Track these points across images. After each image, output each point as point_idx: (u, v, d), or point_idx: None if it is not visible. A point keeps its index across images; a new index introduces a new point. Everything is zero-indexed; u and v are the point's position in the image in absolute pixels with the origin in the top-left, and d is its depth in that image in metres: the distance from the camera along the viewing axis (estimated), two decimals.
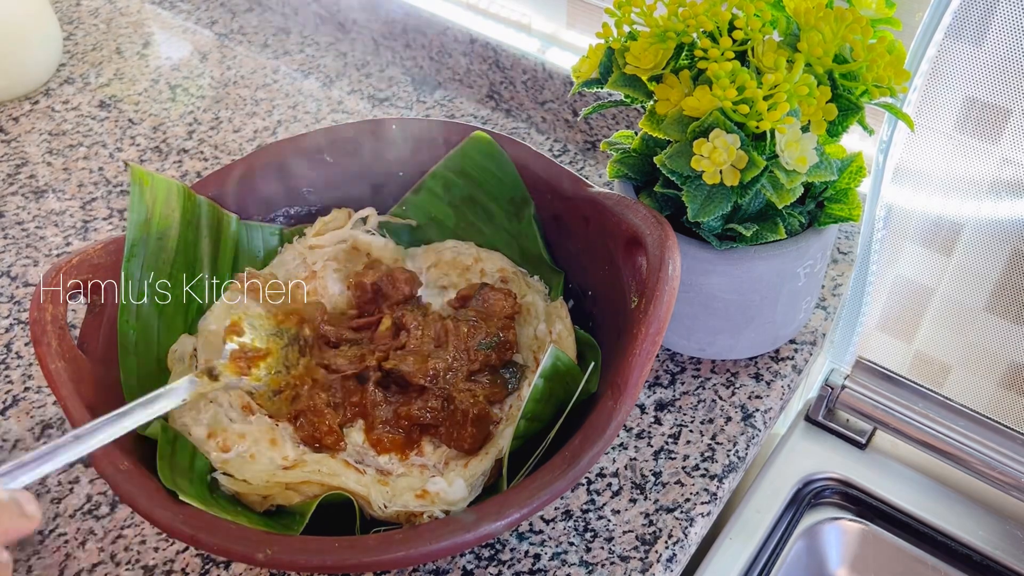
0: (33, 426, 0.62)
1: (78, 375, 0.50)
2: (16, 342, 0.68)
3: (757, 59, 0.50)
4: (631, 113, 0.76)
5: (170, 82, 0.91)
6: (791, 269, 0.57)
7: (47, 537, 0.56)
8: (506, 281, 0.63)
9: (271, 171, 0.63)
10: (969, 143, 0.55)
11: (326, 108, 0.87)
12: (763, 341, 0.62)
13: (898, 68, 0.50)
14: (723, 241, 0.56)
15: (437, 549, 0.44)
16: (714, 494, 0.58)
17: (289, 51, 0.94)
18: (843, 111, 0.52)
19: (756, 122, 0.49)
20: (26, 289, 0.71)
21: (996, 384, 0.63)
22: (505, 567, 0.54)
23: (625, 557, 0.55)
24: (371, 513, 0.51)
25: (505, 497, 0.46)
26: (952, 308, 0.62)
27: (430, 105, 0.87)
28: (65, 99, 0.89)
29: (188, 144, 0.84)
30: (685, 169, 0.51)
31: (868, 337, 0.67)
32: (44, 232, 0.76)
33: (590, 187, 0.59)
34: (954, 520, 0.64)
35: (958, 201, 0.58)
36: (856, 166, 0.57)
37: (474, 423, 0.55)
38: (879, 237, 0.61)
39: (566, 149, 0.83)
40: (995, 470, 0.63)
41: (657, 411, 0.62)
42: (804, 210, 0.57)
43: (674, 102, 0.51)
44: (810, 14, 0.50)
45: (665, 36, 0.51)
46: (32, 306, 0.50)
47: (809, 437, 0.69)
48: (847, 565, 0.67)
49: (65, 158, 0.83)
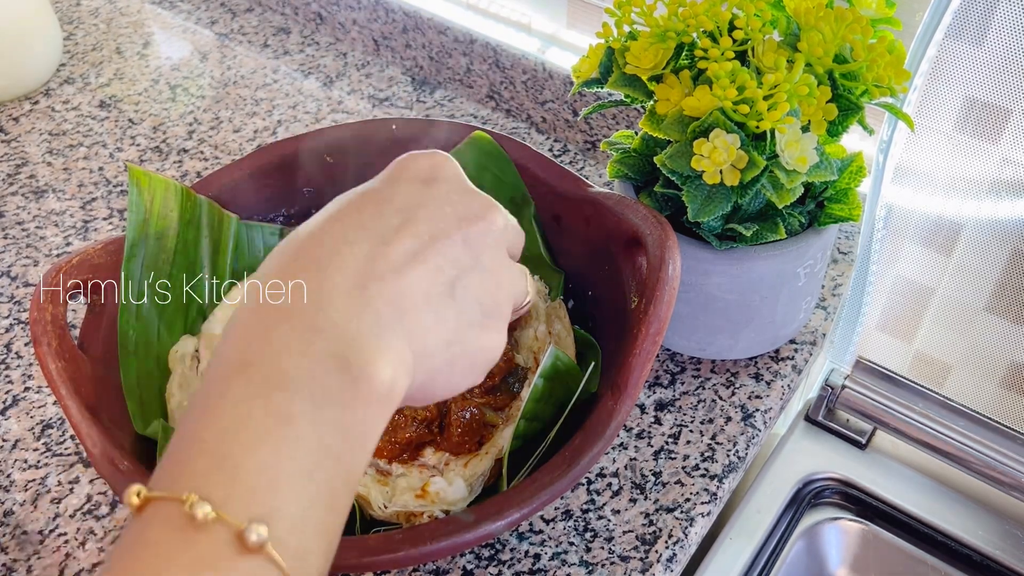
0: (33, 426, 0.62)
1: (78, 375, 0.50)
2: (16, 342, 0.68)
3: (757, 59, 0.50)
4: (631, 113, 0.76)
5: (170, 82, 0.91)
6: (791, 269, 0.57)
7: (47, 537, 0.56)
8: None
9: (271, 171, 0.63)
10: (969, 143, 0.55)
11: (326, 108, 0.87)
12: (763, 341, 0.62)
13: (898, 68, 0.50)
14: (723, 241, 0.56)
15: (437, 549, 0.44)
16: (714, 494, 0.58)
17: (289, 51, 0.94)
18: (843, 111, 0.52)
19: (756, 122, 0.49)
20: (26, 289, 0.71)
21: (996, 384, 0.63)
22: (505, 567, 0.54)
23: (625, 557, 0.55)
24: (371, 513, 0.51)
25: (505, 497, 0.46)
26: (952, 308, 0.62)
27: (430, 105, 0.87)
28: (65, 99, 0.89)
29: (188, 144, 0.84)
30: (685, 169, 0.51)
31: (868, 337, 0.67)
32: (44, 232, 0.76)
33: (590, 187, 0.59)
34: (954, 520, 0.64)
35: (958, 201, 0.58)
36: (856, 166, 0.57)
37: (470, 434, 0.54)
38: (879, 237, 0.61)
39: (566, 149, 0.83)
40: (995, 470, 0.63)
41: (657, 411, 0.62)
42: (804, 210, 0.57)
43: (674, 102, 0.51)
44: (810, 14, 0.50)
45: (665, 36, 0.51)
46: (32, 306, 0.50)
47: (809, 437, 0.69)
48: (847, 565, 0.67)
49: (65, 158, 0.83)
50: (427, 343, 0.35)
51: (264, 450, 0.29)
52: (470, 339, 0.37)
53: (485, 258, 0.38)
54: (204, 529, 0.27)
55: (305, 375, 0.31)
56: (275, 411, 0.30)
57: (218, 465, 0.29)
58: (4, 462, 0.60)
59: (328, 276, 0.33)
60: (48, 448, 0.61)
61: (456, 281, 0.36)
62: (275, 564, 0.28)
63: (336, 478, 0.31)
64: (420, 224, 0.36)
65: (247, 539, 0.27)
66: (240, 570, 0.27)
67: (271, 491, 0.29)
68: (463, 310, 0.37)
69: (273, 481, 0.29)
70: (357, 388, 0.32)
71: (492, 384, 0.57)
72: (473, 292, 0.37)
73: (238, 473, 0.29)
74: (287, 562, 0.28)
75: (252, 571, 0.27)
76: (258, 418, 0.30)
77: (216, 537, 0.27)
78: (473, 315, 0.37)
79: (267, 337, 0.32)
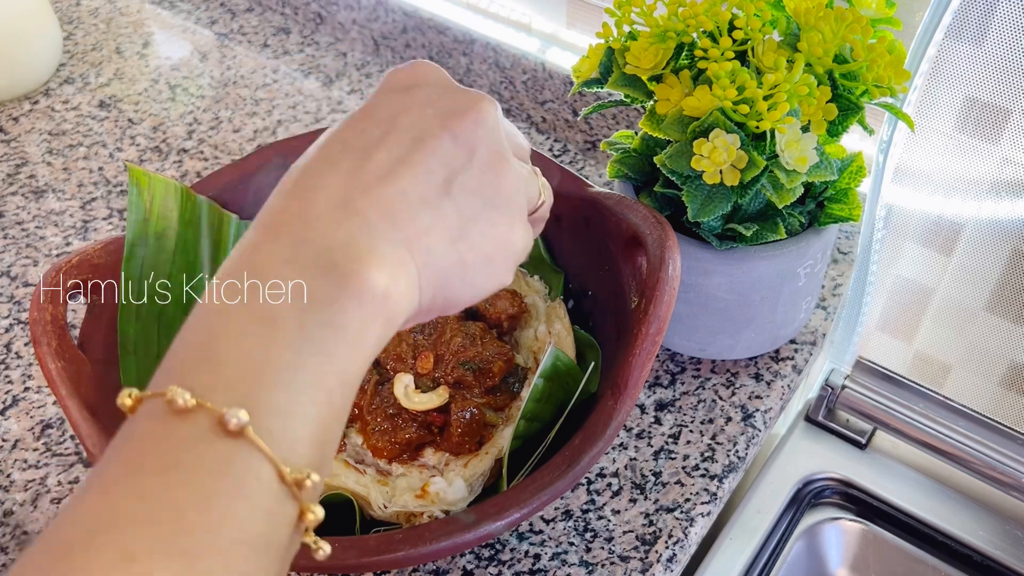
0: (33, 426, 0.62)
1: (78, 375, 0.50)
2: (16, 342, 0.68)
3: (757, 59, 0.50)
4: (631, 113, 0.76)
5: (170, 82, 0.91)
6: (791, 269, 0.57)
7: None
8: None
9: (271, 171, 0.63)
10: (969, 143, 0.55)
11: (326, 108, 0.87)
12: (763, 341, 0.62)
13: (898, 68, 0.50)
14: (723, 241, 0.56)
15: (437, 549, 0.44)
16: (714, 494, 0.58)
17: (289, 51, 0.94)
18: (843, 111, 0.52)
19: (756, 122, 0.49)
20: (26, 289, 0.71)
21: (996, 384, 0.63)
22: (505, 567, 0.54)
23: (625, 557, 0.55)
24: (371, 513, 0.51)
25: (505, 497, 0.46)
26: (952, 308, 0.62)
27: None
28: (65, 99, 0.89)
29: (188, 144, 0.84)
30: (685, 169, 0.51)
31: (868, 337, 0.67)
32: (44, 232, 0.76)
33: (590, 187, 0.59)
34: (954, 520, 0.64)
35: (958, 201, 0.58)
36: (856, 166, 0.57)
37: (470, 434, 0.54)
38: (879, 237, 0.61)
39: (566, 149, 0.83)
40: (995, 470, 0.63)
41: (657, 411, 0.62)
42: (804, 210, 0.57)
43: (674, 102, 0.51)
44: (810, 14, 0.50)
45: (665, 36, 0.51)
46: (32, 306, 0.50)
47: (809, 437, 0.69)
48: (847, 565, 0.67)
49: (65, 158, 0.83)
50: (429, 245, 0.34)
51: (249, 342, 0.29)
52: (478, 233, 0.36)
53: (481, 152, 0.36)
54: (185, 416, 0.28)
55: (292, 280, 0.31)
56: (260, 313, 0.30)
57: (203, 358, 0.29)
58: (4, 462, 0.60)
59: (312, 200, 0.33)
60: (48, 448, 0.61)
61: (452, 179, 0.35)
62: (257, 448, 0.28)
63: (329, 376, 0.30)
64: (402, 131, 0.35)
65: (227, 423, 0.27)
66: (219, 452, 0.27)
67: (255, 380, 0.29)
68: (464, 206, 0.35)
69: (258, 371, 0.29)
70: (345, 288, 0.31)
71: (492, 384, 0.57)
72: (472, 187, 0.36)
73: (221, 364, 0.29)
74: (273, 448, 0.28)
75: (231, 454, 0.27)
76: (243, 319, 0.30)
77: (196, 423, 0.27)
78: (476, 209, 0.36)
79: (255, 253, 0.32)
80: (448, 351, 0.57)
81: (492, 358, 0.56)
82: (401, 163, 0.34)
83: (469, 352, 0.56)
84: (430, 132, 0.35)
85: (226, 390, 0.28)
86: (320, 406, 0.30)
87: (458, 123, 0.36)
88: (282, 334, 0.30)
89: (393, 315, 0.33)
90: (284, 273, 0.31)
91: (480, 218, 0.36)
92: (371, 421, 0.54)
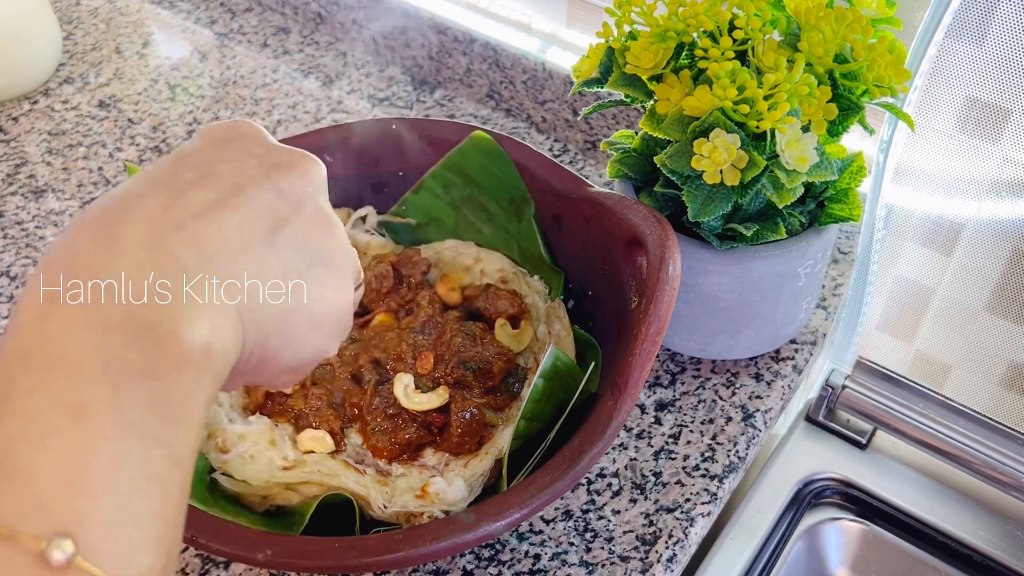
0: None
1: None
2: None
3: (757, 59, 0.50)
4: (631, 113, 0.76)
5: (170, 82, 0.91)
6: (791, 269, 0.57)
7: None
8: (506, 281, 0.63)
9: None
10: (969, 143, 0.55)
11: (326, 108, 0.87)
12: (763, 341, 0.62)
13: (898, 68, 0.50)
14: (723, 241, 0.55)
15: (437, 549, 0.44)
16: (714, 494, 0.58)
17: (289, 51, 0.94)
18: (843, 111, 0.52)
19: (756, 122, 0.48)
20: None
21: (996, 384, 0.63)
22: (505, 567, 0.54)
23: (625, 557, 0.55)
24: (371, 513, 0.51)
25: (505, 497, 0.46)
26: (952, 308, 0.62)
27: (430, 105, 0.87)
28: (65, 99, 0.89)
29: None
30: (685, 169, 0.51)
31: (868, 337, 0.67)
32: (44, 232, 0.76)
33: (590, 187, 0.58)
34: (954, 520, 0.64)
35: (958, 201, 0.58)
36: (856, 166, 0.57)
37: (470, 434, 0.54)
38: (879, 237, 0.61)
39: (566, 149, 0.83)
40: (995, 470, 0.63)
41: (657, 411, 0.62)
42: (804, 210, 0.57)
43: (674, 102, 0.51)
44: (810, 14, 0.50)
45: (665, 36, 0.51)
46: None
47: (809, 437, 0.69)
48: (847, 565, 0.67)
49: (65, 158, 0.83)
50: (251, 292, 0.30)
51: (58, 449, 0.25)
52: (305, 292, 0.33)
53: (308, 208, 0.33)
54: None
55: (94, 351, 0.26)
56: (64, 402, 0.25)
57: (6, 474, 0.24)
58: None
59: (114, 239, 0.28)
60: None
61: (277, 228, 0.32)
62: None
63: (157, 462, 0.26)
64: (221, 175, 0.32)
65: (50, 559, 0.23)
66: None
67: (74, 493, 0.25)
68: (289, 258, 0.32)
69: (75, 480, 0.25)
70: (162, 352, 0.27)
71: (492, 384, 0.57)
72: (299, 242, 0.32)
73: (30, 479, 0.24)
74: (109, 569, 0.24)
75: None
76: (46, 415, 0.25)
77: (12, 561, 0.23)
78: (303, 266, 0.33)
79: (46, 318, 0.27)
80: (448, 351, 0.57)
81: (492, 358, 0.56)
82: (220, 204, 0.31)
83: (469, 352, 0.56)
84: (253, 180, 0.32)
85: (41, 514, 0.24)
86: (154, 500, 0.26)
87: (284, 177, 0.33)
88: (96, 424, 0.25)
89: (219, 371, 0.29)
90: (86, 340, 0.26)
91: (308, 276, 0.33)
92: (371, 421, 0.54)
